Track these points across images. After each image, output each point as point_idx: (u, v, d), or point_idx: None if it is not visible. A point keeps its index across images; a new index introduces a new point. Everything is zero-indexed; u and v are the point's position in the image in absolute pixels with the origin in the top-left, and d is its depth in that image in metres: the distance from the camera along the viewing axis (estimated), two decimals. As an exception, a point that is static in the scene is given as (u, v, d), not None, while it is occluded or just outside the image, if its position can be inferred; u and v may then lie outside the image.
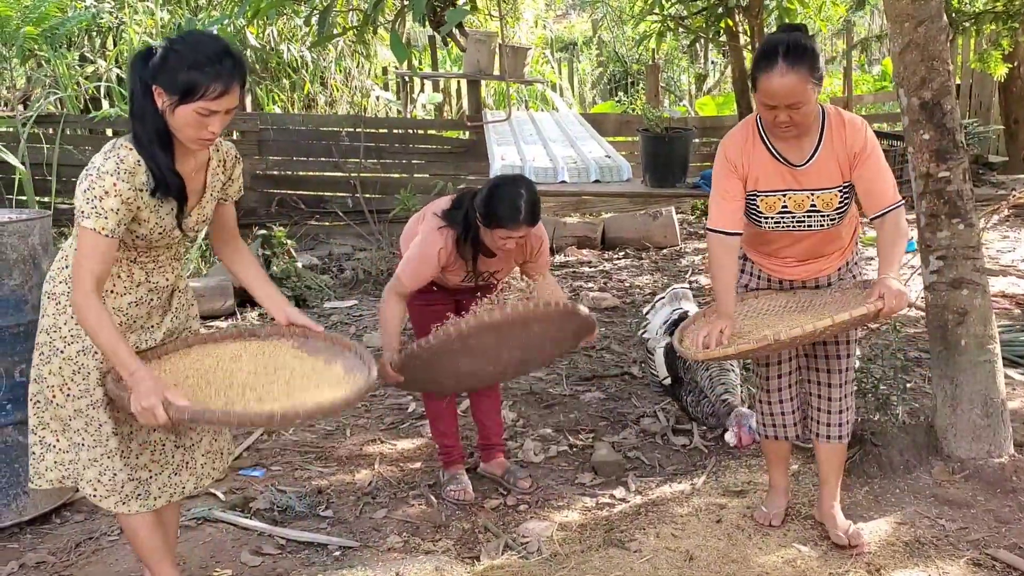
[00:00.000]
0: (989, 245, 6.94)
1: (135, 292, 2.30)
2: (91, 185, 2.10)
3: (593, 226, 7.87)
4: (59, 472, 2.35)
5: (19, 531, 3.07)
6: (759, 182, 2.69)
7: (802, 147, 2.65)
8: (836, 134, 2.65)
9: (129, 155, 2.14)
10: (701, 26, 7.76)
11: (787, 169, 2.67)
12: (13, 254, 2.94)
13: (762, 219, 2.73)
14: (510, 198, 2.88)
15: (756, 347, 2.49)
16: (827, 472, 2.93)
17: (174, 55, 2.10)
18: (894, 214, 2.65)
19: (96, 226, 2.09)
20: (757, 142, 2.68)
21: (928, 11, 3.08)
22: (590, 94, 15.61)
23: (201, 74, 2.07)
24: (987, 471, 3.14)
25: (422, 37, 10.59)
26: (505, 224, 2.88)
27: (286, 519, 3.15)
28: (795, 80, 2.46)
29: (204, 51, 2.09)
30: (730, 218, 2.70)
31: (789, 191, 2.68)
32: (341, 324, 5.63)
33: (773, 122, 2.57)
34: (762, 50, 2.57)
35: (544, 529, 3.01)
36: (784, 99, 2.49)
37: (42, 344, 2.28)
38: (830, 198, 2.67)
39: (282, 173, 8.46)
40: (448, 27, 4.17)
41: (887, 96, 11.34)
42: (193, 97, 2.08)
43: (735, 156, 2.69)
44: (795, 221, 2.70)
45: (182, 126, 2.12)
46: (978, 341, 3.17)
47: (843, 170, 2.66)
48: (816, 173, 2.66)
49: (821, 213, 2.69)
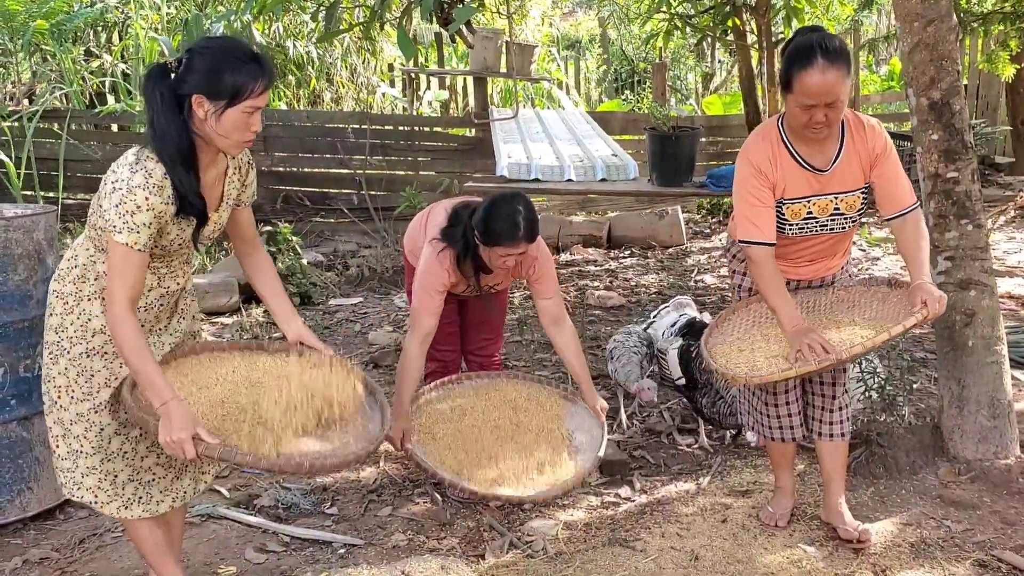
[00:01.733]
0: (996, 246, 6.91)
1: (146, 297, 2.28)
2: (123, 200, 2.07)
3: (599, 225, 7.86)
4: (59, 478, 2.34)
5: (23, 527, 3.07)
6: (787, 190, 2.67)
7: (825, 151, 2.65)
8: (856, 136, 2.66)
9: (157, 168, 2.11)
10: (708, 25, 7.74)
11: (812, 175, 2.67)
12: (18, 249, 2.94)
13: (787, 226, 2.72)
14: (508, 216, 2.89)
15: (818, 368, 2.47)
16: (831, 470, 2.92)
17: (211, 61, 2.09)
18: (914, 214, 2.68)
19: (129, 241, 2.08)
20: (782, 149, 2.66)
21: (938, 10, 3.06)
22: (596, 92, 15.59)
23: (245, 73, 2.08)
24: (993, 472, 3.12)
25: (428, 34, 10.57)
26: (504, 242, 2.90)
27: (291, 516, 3.15)
28: (835, 77, 2.45)
29: (237, 52, 2.11)
30: (768, 227, 2.65)
31: (814, 196, 2.68)
32: (346, 321, 5.62)
33: (809, 123, 2.54)
34: (797, 49, 2.53)
35: (549, 528, 3.00)
36: (824, 97, 2.47)
37: (51, 343, 2.27)
38: (853, 200, 2.70)
39: (287, 169, 8.45)
40: (456, 25, 4.16)
41: (894, 96, 11.31)
42: (242, 97, 2.09)
43: (763, 164, 2.65)
44: (819, 225, 2.72)
45: (230, 130, 2.12)
46: (985, 342, 3.16)
47: (864, 172, 2.67)
48: (840, 177, 2.67)
49: (844, 216, 2.71)
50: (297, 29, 9.97)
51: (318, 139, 8.43)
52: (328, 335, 5.28)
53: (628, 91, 14.72)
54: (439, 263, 3.03)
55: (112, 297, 2.10)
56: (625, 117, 9.63)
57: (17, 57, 7.86)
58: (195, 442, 2.06)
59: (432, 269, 3.04)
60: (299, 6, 8.04)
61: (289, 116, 8.82)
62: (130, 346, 2.09)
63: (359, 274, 6.65)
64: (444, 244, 3.04)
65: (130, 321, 2.09)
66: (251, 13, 5.85)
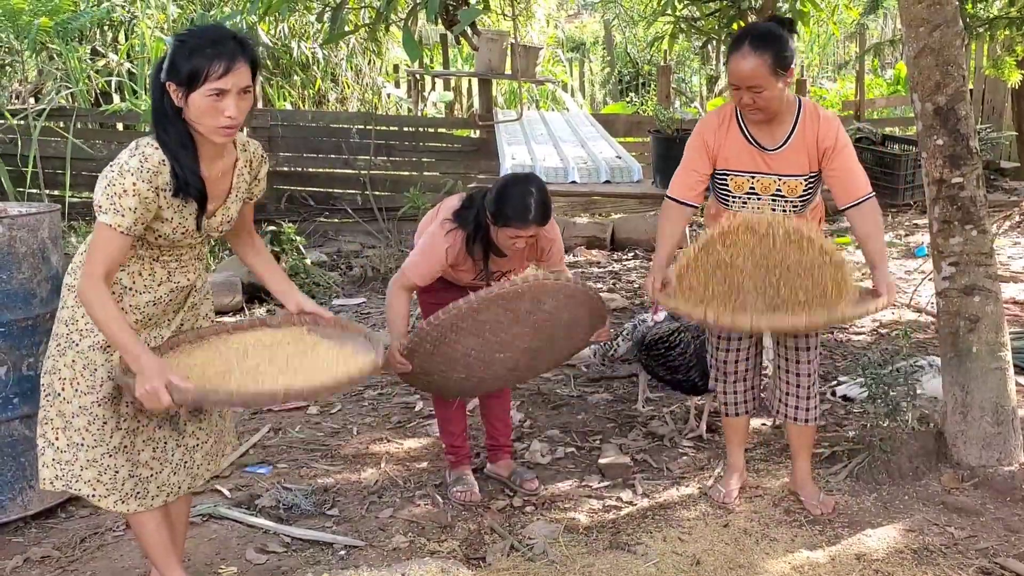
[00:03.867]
0: (1000, 251, 6.90)
1: (155, 291, 2.30)
2: (111, 182, 2.11)
3: (603, 226, 7.86)
4: (53, 471, 2.33)
5: (24, 525, 3.07)
6: (729, 161, 2.87)
7: (774, 134, 2.84)
8: (809, 126, 2.82)
9: (154, 154, 2.14)
10: (713, 28, 7.73)
11: (758, 152, 2.85)
12: (22, 248, 2.95)
13: (730, 198, 2.92)
14: (520, 197, 2.85)
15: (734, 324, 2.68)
16: (798, 448, 3.14)
17: (178, 47, 2.11)
18: (870, 203, 2.84)
19: (112, 222, 2.10)
20: (732, 124, 2.87)
21: (944, 16, 3.05)
22: (600, 94, 15.59)
23: (202, 57, 2.08)
24: (997, 479, 3.11)
25: (433, 35, 10.58)
26: (515, 223, 2.86)
27: (292, 517, 3.15)
28: (755, 63, 2.66)
29: (205, 36, 2.11)
30: (689, 190, 2.92)
31: (758, 173, 2.86)
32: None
33: (740, 103, 2.77)
34: (735, 35, 2.80)
35: (550, 531, 3.00)
36: (745, 81, 2.69)
37: (60, 335, 2.29)
38: (795, 185, 2.85)
39: (292, 169, 8.46)
40: (461, 27, 4.16)
41: (899, 100, 11.30)
42: (198, 81, 2.08)
43: (708, 135, 2.88)
44: (760, 203, 2.88)
45: (199, 116, 2.12)
46: (989, 348, 3.15)
47: (811, 161, 2.84)
48: (785, 159, 2.83)
49: (785, 198, 2.87)
50: (303, 29, 9.98)
51: (323, 139, 8.44)
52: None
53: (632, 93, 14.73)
54: (443, 239, 2.99)
55: (87, 271, 2.13)
56: (629, 119, 9.63)
57: (23, 56, 7.87)
58: (169, 389, 2.07)
59: (434, 241, 3.01)
60: (305, 7, 8.05)
61: (294, 116, 8.82)
62: (104, 313, 2.12)
63: (362, 274, 6.65)
64: (455, 224, 3.01)
65: (102, 289, 2.12)
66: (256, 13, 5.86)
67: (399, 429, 3.97)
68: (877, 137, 7.29)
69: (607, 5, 13.13)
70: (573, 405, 4.21)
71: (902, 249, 7.16)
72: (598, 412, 4.10)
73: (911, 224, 8.00)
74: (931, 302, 4.98)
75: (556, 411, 4.14)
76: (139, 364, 2.10)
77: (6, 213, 3.04)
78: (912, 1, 3.07)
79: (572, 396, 4.32)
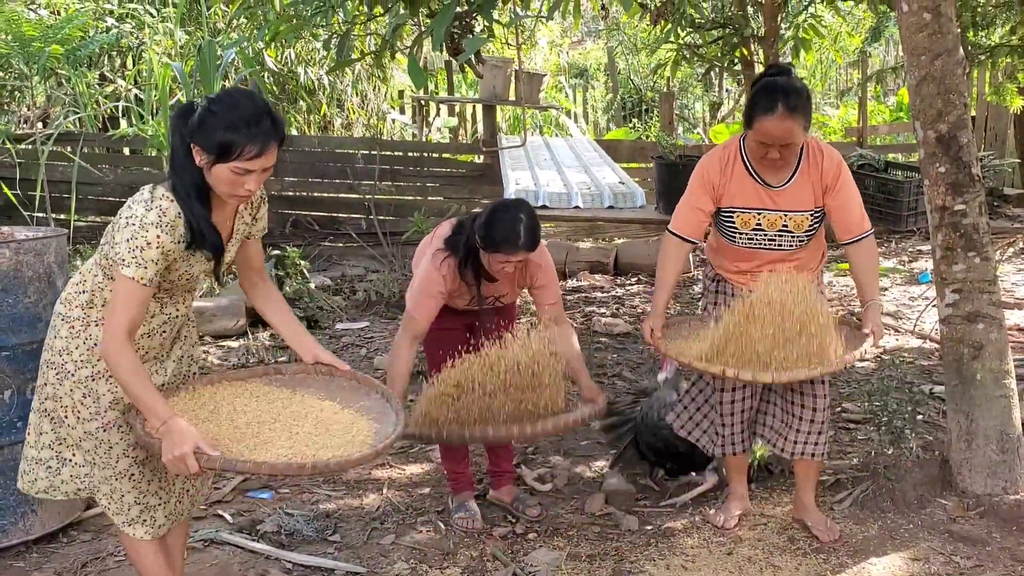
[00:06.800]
0: (1005, 278, 6.89)
1: (148, 324, 2.30)
2: (134, 235, 2.11)
3: (606, 251, 7.87)
4: (74, 485, 2.36)
5: (26, 550, 3.06)
6: (735, 199, 2.89)
7: (779, 171, 2.85)
8: (813, 162, 2.85)
9: (171, 207, 2.14)
10: (716, 55, 7.80)
11: (764, 189, 2.87)
12: (29, 272, 2.96)
13: (736, 235, 2.93)
14: (510, 223, 2.85)
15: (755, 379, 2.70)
16: (804, 480, 3.13)
17: (211, 115, 2.11)
18: (867, 241, 2.91)
19: (136, 275, 2.11)
20: (738, 163, 2.89)
21: (945, 45, 3.08)
22: (604, 120, 15.67)
23: (237, 135, 2.09)
24: (1003, 508, 3.09)
25: (438, 62, 10.66)
26: (503, 249, 2.86)
27: (293, 543, 3.13)
28: (792, 125, 2.69)
29: (241, 112, 2.11)
30: (692, 227, 2.96)
31: (764, 210, 2.87)
32: (352, 346, 5.63)
33: (764, 157, 2.81)
34: (762, 91, 2.74)
35: (553, 559, 2.98)
36: (779, 140, 2.72)
37: (55, 365, 2.28)
38: (801, 220, 2.88)
39: (297, 194, 8.50)
40: (466, 55, 4.19)
41: (902, 127, 11.34)
42: (229, 157, 2.10)
43: (713, 176, 2.90)
44: (767, 239, 2.91)
45: (218, 183, 2.15)
46: (994, 375, 3.14)
47: (816, 196, 2.86)
48: (791, 196, 2.86)
49: (792, 234, 2.90)
50: (309, 56, 10.06)
51: (328, 164, 8.49)
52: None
53: (636, 119, 14.80)
54: (437, 269, 3.00)
55: (111, 327, 2.13)
56: (633, 145, 9.68)
57: (32, 81, 7.94)
58: (197, 456, 2.07)
59: (430, 274, 3.01)
60: (312, 34, 8.12)
61: (300, 141, 8.88)
62: (128, 373, 2.12)
63: (366, 298, 6.66)
64: (447, 253, 3.03)
65: (128, 350, 2.12)
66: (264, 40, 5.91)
67: (401, 454, 3.96)
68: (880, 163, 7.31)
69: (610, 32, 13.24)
70: (576, 431, 4.19)
71: (905, 275, 7.16)
72: (601, 438, 4.08)
73: (915, 250, 8.00)
74: (935, 329, 4.97)
75: (559, 437, 4.13)
76: (167, 428, 2.09)
77: (13, 237, 3.05)
78: (913, 30, 3.10)
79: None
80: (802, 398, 3.03)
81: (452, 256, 3.00)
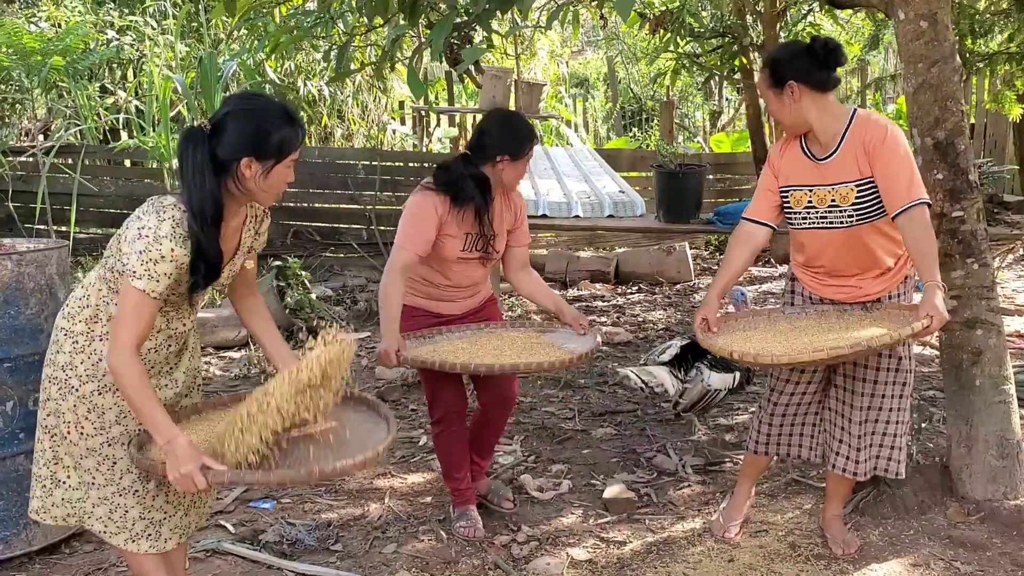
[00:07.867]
0: (1004, 284, 6.90)
1: (155, 338, 2.30)
2: (147, 247, 2.09)
3: (607, 260, 7.88)
4: (65, 510, 2.34)
5: (28, 561, 3.07)
6: (790, 177, 2.89)
7: (826, 144, 2.82)
8: (858, 130, 2.78)
9: (183, 219, 2.13)
10: (716, 64, 7.81)
11: (812, 164, 2.85)
12: (30, 283, 2.97)
13: (793, 215, 2.90)
14: (520, 121, 3.13)
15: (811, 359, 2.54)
16: (831, 492, 3.11)
17: (254, 123, 2.16)
18: (918, 211, 2.63)
19: (147, 288, 2.10)
20: (794, 141, 2.91)
21: (941, 52, 3.09)
22: (604, 129, 15.69)
23: (286, 129, 2.18)
24: (1003, 513, 3.10)
25: (438, 72, 10.68)
26: (532, 140, 3.09)
27: (295, 552, 3.14)
28: (759, 78, 2.90)
29: (275, 108, 2.21)
30: (760, 207, 2.94)
31: (815, 186, 2.83)
32: (354, 356, 5.63)
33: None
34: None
35: (555, 567, 2.98)
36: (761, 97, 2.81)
37: (58, 380, 2.28)
38: (847, 192, 2.78)
39: (298, 205, 8.53)
40: (465, 65, 4.20)
41: (901, 134, 11.33)
42: (286, 152, 2.19)
43: (774, 156, 2.96)
44: (819, 217, 2.84)
45: (274, 185, 2.21)
46: (993, 381, 3.15)
47: (860, 165, 2.76)
48: (836, 167, 2.81)
49: (840, 209, 2.79)
50: (310, 67, 10.10)
51: (329, 175, 8.52)
52: (335, 370, 5.29)
53: (636, 128, 14.83)
54: (431, 197, 3.04)
55: (118, 340, 2.11)
56: (633, 154, 9.68)
57: (33, 93, 7.97)
58: (204, 472, 2.07)
59: (420, 202, 3.04)
60: (312, 45, 8.16)
61: (300, 152, 8.89)
62: (134, 388, 2.11)
63: (367, 309, 6.67)
64: (437, 189, 3.06)
65: (135, 364, 2.11)
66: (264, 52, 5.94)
67: (402, 464, 3.97)
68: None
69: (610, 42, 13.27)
70: (577, 439, 4.20)
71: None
72: (603, 446, 4.09)
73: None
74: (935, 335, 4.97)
75: (560, 445, 4.13)
76: (171, 445, 2.08)
77: (14, 249, 3.07)
78: (910, 38, 3.12)
79: (576, 430, 4.31)
80: (849, 411, 2.94)
81: (443, 194, 3.05)
